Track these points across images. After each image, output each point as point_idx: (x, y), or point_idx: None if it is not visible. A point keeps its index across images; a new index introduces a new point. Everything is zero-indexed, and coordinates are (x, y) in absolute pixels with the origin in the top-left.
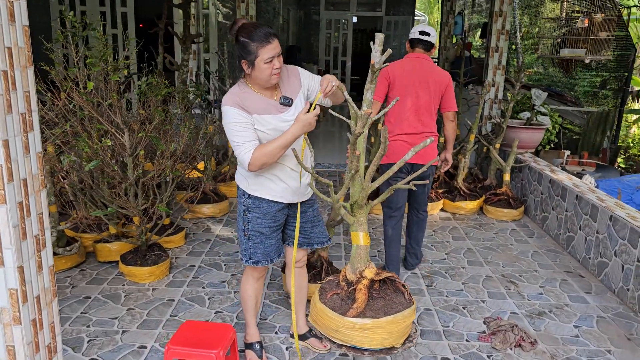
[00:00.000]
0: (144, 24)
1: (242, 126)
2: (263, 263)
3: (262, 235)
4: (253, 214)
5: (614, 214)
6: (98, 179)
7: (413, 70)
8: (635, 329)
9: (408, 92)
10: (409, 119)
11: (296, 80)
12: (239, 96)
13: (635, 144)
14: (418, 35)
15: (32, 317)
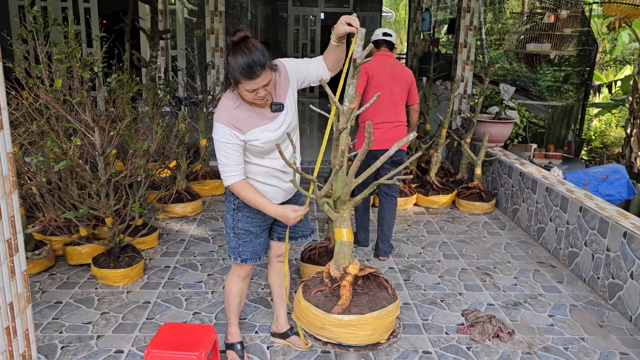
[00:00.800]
0: (108, 20)
1: (231, 148)
2: (251, 261)
3: (252, 234)
4: (243, 212)
5: (583, 205)
6: (67, 180)
7: (386, 67)
8: (606, 316)
9: (384, 86)
10: (385, 110)
11: (285, 78)
12: (233, 114)
13: (597, 137)
14: (382, 36)
15: (6, 325)
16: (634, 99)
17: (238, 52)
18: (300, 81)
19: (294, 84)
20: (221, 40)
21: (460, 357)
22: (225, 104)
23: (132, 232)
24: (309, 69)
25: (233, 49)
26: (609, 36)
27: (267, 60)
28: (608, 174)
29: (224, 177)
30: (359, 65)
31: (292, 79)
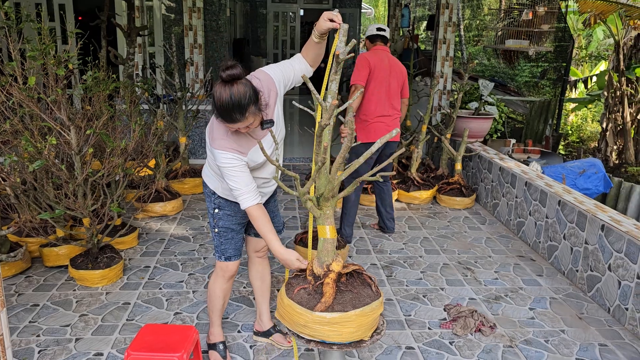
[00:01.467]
0: (83, 17)
1: (239, 170)
2: (236, 258)
3: (233, 231)
4: (224, 211)
5: (562, 198)
6: (42, 180)
7: (384, 61)
8: (585, 308)
9: (384, 79)
10: (384, 103)
11: (273, 92)
12: (231, 139)
13: (573, 132)
14: (376, 31)
15: None
16: (609, 94)
17: (222, 93)
18: (286, 87)
19: (281, 92)
20: (200, 36)
21: (442, 351)
22: (219, 131)
23: (110, 232)
24: (294, 71)
25: (218, 88)
26: (585, 32)
27: (249, 106)
28: (585, 167)
29: (240, 200)
30: (342, 61)
31: (279, 88)
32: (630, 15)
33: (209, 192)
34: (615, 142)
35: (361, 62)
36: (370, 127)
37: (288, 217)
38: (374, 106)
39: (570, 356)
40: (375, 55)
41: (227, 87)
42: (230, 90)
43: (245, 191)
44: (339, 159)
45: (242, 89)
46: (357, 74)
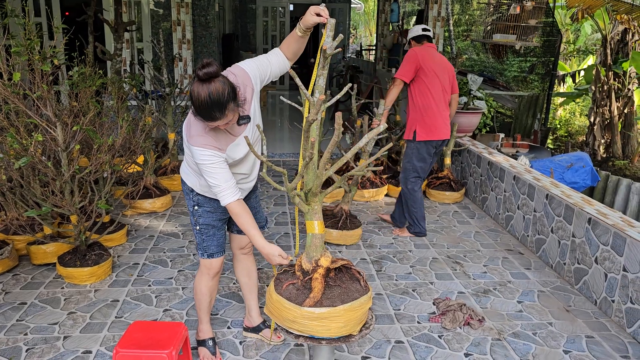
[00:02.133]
0: (70, 12)
1: (217, 166)
2: (218, 255)
3: (214, 228)
4: (203, 208)
5: (549, 192)
6: (29, 177)
7: (435, 58)
8: (573, 300)
9: (437, 76)
10: (441, 99)
11: (249, 87)
12: (209, 135)
13: (562, 126)
14: (422, 32)
15: None
16: (597, 88)
17: (200, 91)
18: (263, 81)
19: (257, 87)
20: (188, 32)
21: (432, 345)
22: (197, 128)
23: (99, 230)
24: (271, 65)
25: (196, 86)
26: (572, 27)
27: (228, 104)
28: (573, 161)
29: (220, 196)
30: (329, 56)
31: (255, 83)
32: (617, 10)
33: (187, 190)
34: (602, 136)
35: (409, 57)
36: (431, 123)
37: (278, 212)
38: (434, 102)
39: (558, 348)
40: (425, 51)
41: (204, 85)
42: (208, 89)
43: (224, 187)
44: (327, 154)
45: (220, 86)
46: (401, 68)
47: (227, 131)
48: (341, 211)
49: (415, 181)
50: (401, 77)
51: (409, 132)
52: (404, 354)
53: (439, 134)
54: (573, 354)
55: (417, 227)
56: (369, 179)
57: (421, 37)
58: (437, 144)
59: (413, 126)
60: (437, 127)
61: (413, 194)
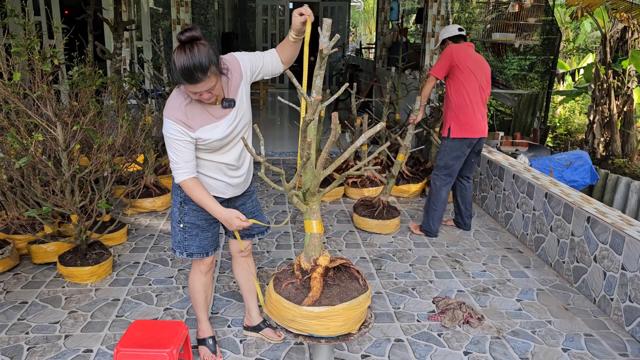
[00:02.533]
0: (70, 11)
1: (181, 145)
2: (198, 256)
3: (199, 227)
4: (190, 206)
5: (549, 191)
6: (29, 177)
7: (473, 56)
8: (572, 299)
9: (474, 74)
10: (477, 97)
11: (237, 73)
12: (184, 111)
13: (561, 124)
14: (457, 32)
15: None
16: (596, 86)
17: (181, 54)
18: (254, 74)
19: (247, 77)
20: None
21: (431, 343)
22: (176, 100)
23: (99, 229)
24: (264, 62)
25: (178, 48)
26: (572, 25)
27: (210, 66)
28: (572, 160)
29: (174, 173)
30: (326, 55)
31: (244, 73)
32: (617, 8)
33: (175, 186)
34: (602, 134)
35: (444, 54)
36: (466, 121)
37: (278, 211)
38: (469, 100)
39: (557, 346)
40: (462, 48)
41: (187, 48)
42: (190, 51)
43: (182, 165)
44: (324, 154)
45: (203, 48)
46: (436, 65)
47: (207, 111)
48: (379, 202)
49: (444, 180)
50: (434, 73)
51: (444, 129)
52: (403, 353)
53: (474, 132)
54: (572, 352)
55: (429, 226)
56: (369, 178)
57: (457, 38)
58: (472, 142)
59: (448, 123)
60: (472, 124)
61: (438, 192)
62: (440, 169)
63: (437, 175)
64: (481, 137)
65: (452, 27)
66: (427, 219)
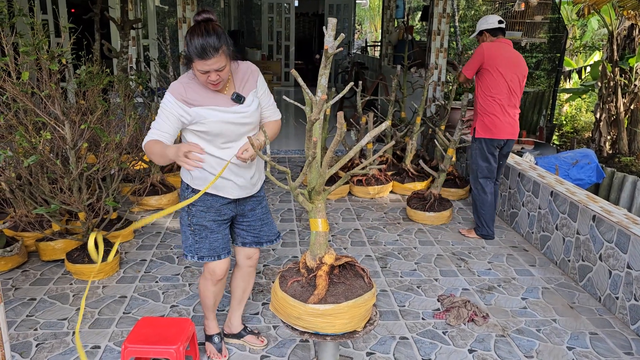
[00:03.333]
0: (76, 9)
1: (166, 114)
2: (209, 259)
3: (207, 229)
4: (197, 207)
5: (554, 189)
6: (37, 175)
7: (506, 54)
8: (577, 297)
9: (507, 73)
10: (505, 99)
11: (253, 80)
12: (185, 86)
13: (568, 122)
14: (497, 24)
15: None
16: (603, 84)
17: (196, 31)
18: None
19: (258, 91)
20: None
21: (436, 341)
22: (182, 78)
23: (106, 226)
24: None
25: (193, 27)
26: (579, 22)
27: (222, 45)
28: (578, 158)
29: (145, 138)
30: (331, 55)
31: (259, 86)
32: (624, 6)
33: (183, 188)
34: (608, 132)
35: (476, 53)
36: (491, 121)
37: (283, 209)
38: (495, 101)
39: (562, 345)
40: (497, 47)
41: (201, 25)
42: (205, 28)
43: (155, 132)
44: (329, 153)
45: (218, 28)
46: (468, 63)
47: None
48: (431, 195)
49: (484, 182)
50: (465, 72)
51: (471, 129)
52: (408, 350)
53: (500, 133)
54: (577, 350)
55: (485, 229)
56: (374, 176)
57: (496, 31)
58: (498, 143)
59: (474, 123)
60: (497, 125)
61: (482, 195)
62: (475, 172)
63: (475, 179)
64: (509, 140)
65: (492, 18)
66: (481, 223)
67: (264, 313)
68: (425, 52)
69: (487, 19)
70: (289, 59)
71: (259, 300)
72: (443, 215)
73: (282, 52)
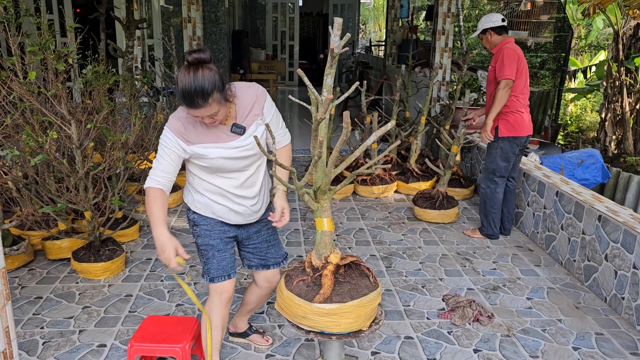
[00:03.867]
0: (82, 9)
1: (167, 153)
2: (219, 279)
3: (214, 248)
4: (201, 227)
5: (559, 189)
6: (44, 174)
7: (521, 53)
8: (582, 297)
9: (525, 71)
10: (524, 96)
11: (259, 108)
12: (184, 122)
13: (573, 122)
14: (501, 22)
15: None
16: (608, 83)
17: (185, 75)
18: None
19: (266, 118)
20: (198, 29)
21: (441, 341)
22: (179, 113)
23: (112, 225)
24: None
25: (183, 68)
26: (584, 22)
27: (213, 92)
28: (583, 158)
29: (148, 177)
30: (337, 55)
31: (266, 114)
32: (630, 5)
33: (187, 209)
34: (614, 132)
35: (512, 55)
36: (515, 119)
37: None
38: (517, 99)
39: (567, 345)
40: (517, 47)
41: (191, 69)
42: (194, 74)
43: (157, 173)
44: (335, 152)
45: (208, 72)
46: (507, 67)
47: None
48: (438, 193)
49: (498, 181)
50: (510, 76)
51: (491, 129)
52: (413, 350)
53: (523, 130)
54: (582, 350)
55: (491, 229)
56: (379, 176)
57: (501, 29)
58: (521, 140)
59: (495, 122)
60: (520, 123)
61: (494, 195)
62: (492, 172)
63: (490, 178)
64: (528, 135)
65: (496, 17)
66: (488, 222)
67: (269, 312)
68: (430, 52)
69: (491, 17)
70: (293, 58)
71: None
72: (452, 213)
73: (287, 52)
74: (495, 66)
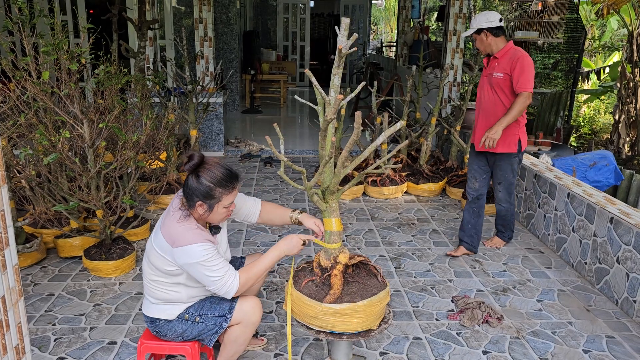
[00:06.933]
0: (95, 10)
1: (217, 257)
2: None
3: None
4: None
5: (571, 191)
6: (57, 172)
7: None
8: (593, 300)
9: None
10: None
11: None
12: (201, 231)
13: (586, 123)
14: (499, 23)
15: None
16: (622, 85)
17: (210, 172)
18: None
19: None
20: (210, 29)
21: (450, 342)
22: (186, 226)
23: (123, 224)
24: (243, 206)
25: (202, 171)
26: (598, 22)
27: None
28: (596, 160)
29: (228, 288)
30: (344, 55)
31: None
32: None
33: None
34: (627, 133)
35: (529, 66)
36: (524, 129)
37: (297, 209)
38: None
39: (577, 348)
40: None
41: (204, 165)
42: (212, 164)
43: (227, 275)
44: (345, 152)
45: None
46: (527, 80)
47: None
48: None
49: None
50: (530, 88)
51: (512, 145)
52: (422, 351)
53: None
54: (593, 353)
55: (511, 232)
56: (389, 177)
57: (498, 30)
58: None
59: (516, 136)
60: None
61: (512, 208)
62: (512, 186)
63: (510, 193)
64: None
65: (493, 16)
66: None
67: (278, 312)
68: (441, 53)
69: (488, 16)
70: (304, 59)
71: (273, 299)
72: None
73: (297, 53)
74: (513, 75)
